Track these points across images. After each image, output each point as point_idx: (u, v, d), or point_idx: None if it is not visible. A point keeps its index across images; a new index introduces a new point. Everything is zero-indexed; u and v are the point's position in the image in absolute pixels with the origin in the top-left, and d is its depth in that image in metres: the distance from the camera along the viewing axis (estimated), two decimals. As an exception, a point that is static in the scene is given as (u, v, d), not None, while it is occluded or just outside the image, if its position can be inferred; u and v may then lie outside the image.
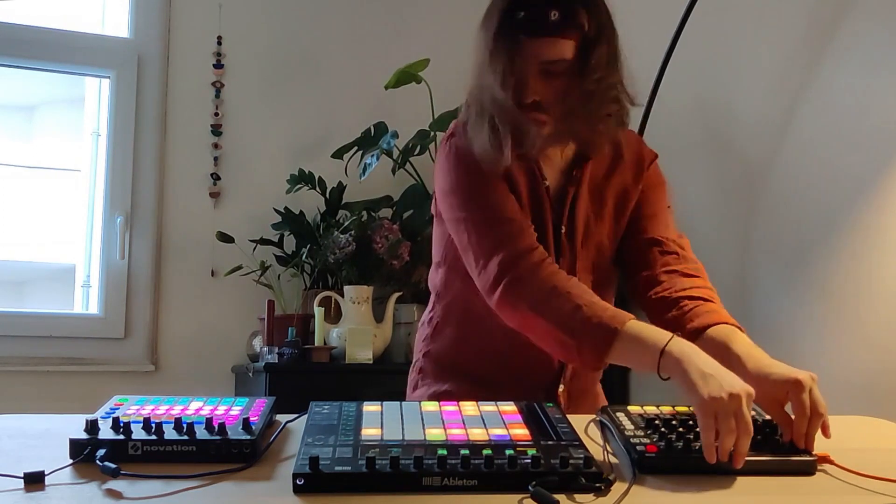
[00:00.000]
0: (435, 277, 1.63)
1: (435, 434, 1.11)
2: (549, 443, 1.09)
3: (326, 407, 1.22)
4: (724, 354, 1.32)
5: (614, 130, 1.51)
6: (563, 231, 1.53)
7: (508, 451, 1.03)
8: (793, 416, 1.19)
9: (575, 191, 1.54)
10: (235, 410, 1.19)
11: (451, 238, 1.53)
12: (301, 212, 3.09)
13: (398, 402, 1.25)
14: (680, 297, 1.45)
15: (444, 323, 1.61)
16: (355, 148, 3.06)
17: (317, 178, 3.08)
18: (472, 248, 1.45)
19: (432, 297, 1.65)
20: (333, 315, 2.91)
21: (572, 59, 1.40)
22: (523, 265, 1.38)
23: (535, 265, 1.38)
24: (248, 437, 1.08)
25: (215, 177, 3.16)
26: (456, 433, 1.12)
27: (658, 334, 1.25)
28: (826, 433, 1.18)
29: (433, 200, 1.59)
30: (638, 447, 1.12)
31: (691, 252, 1.56)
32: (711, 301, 1.46)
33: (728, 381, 1.13)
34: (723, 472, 1.09)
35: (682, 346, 1.21)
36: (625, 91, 1.48)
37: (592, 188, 1.56)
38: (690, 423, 1.19)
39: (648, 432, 1.16)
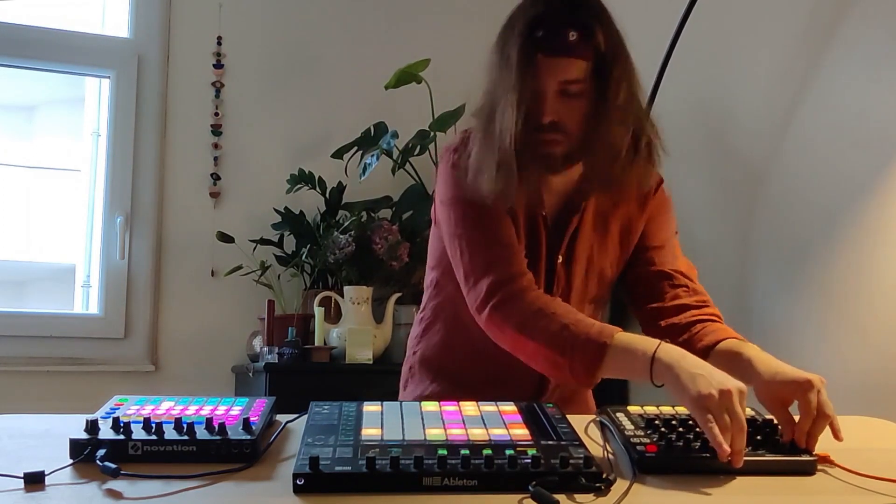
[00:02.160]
0: (428, 277, 1.65)
1: (435, 434, 1.11)
2: (549, 443, 1.09)
3: (326, 407, 1.22)
4: (735, 360, 1.34)
5: (642, 168, 1.47)
6: (559, 260, 1.53)
7: (508, 451, 1.03)
8: (798, 416, 1.19)
9: (579, 221, 1.53)
10: (235, 410, 1.19)
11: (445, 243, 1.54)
12: (301, 212, 3.09)
13: (398, 402, 1.25)
14: (691, 322, 1.48)
15: (433, 324, 1.63)
16: (355, 148, 3.06)
17: (317, 178, 3.08)
18: (463, 266, 1.46)
19: (424, 297, 1.67)
20: (333, 315, 2.91)
21: (589, 79, 1.39)
22: (511, 289, 1.40)
23: (522, 289, 1.40)
24: (248, 437, 1.08)
25: (215, 177, 3.16)
26: (456, 433, 1.12)
27: (647, 343, 1.26)
28: (837, 436, 1.18)
29: (433, 205, 1.59)
30: (638, 447, 1.12)
31: (699, 284, 1.57)
32: (719, 322, 1.48)
33: (717, 379, 1.14)
34: (723, 472, 1.09)
35: (671, 352, 1.22)
36: (648, 120, 1.46)
37: (597, 217, 1.55)
38: (690, 422, 1.19)
39: (648, 432, 1.16)
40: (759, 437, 1.17)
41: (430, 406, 1.24)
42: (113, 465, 1.00)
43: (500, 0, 1.55)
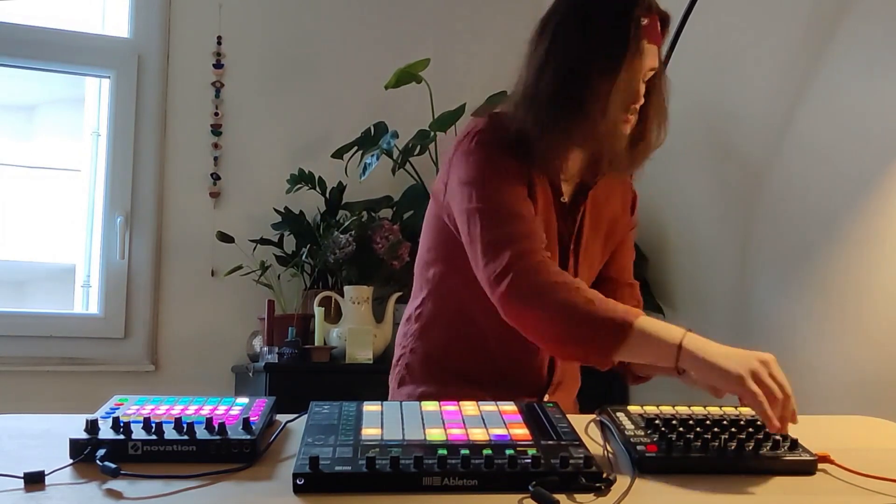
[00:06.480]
0: (426, 272, 1.61)
1: (435, 434, 1.11)
2: (550, 443, 1.09)
3: (326, 407, 1.21)
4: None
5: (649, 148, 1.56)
6: (570, 247, 1.56)
7: (508, 451, 1.03)
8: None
9: (584, 208, 1.57)
10: (235, 410, 1.19)
11: (451, 235, 1.52)
12: (301, 212, 3.09)
13: (398, 402, 1.25)
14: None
15: (435, 320, 1.60)
16: (355, 148, 3.06)
17: (317, 178, 3.08)
18: (480, 239, 1.43)
19: (421, 292, 1.62)
20: (333, 315, 2.91)
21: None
22: (533, 260, 1.38)
23: (544, 262, 1.39)
24: (248, 437, 1.08)
25: (215, 177, 3.16)
26: (456, 433, 1.12)
27: (671, 330, 1.27)
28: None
29: (433, 194, 1.59)
30: (638, 447, 1.12)
31: (639, 294, 1.69)
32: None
33: (751, 354, 1.18)
34: (723, 472, 1.09)
35: (696, 341, 1.24)
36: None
37: (593, 207, 1.59)
38: (690, 422, 1.19)
39: (648, 432, 1.16)
40: (759, 436, 1.17)
41: (430, 406, 1.23)
42: (113, 465, 1.00)
43: (500, 0, 1.55)
